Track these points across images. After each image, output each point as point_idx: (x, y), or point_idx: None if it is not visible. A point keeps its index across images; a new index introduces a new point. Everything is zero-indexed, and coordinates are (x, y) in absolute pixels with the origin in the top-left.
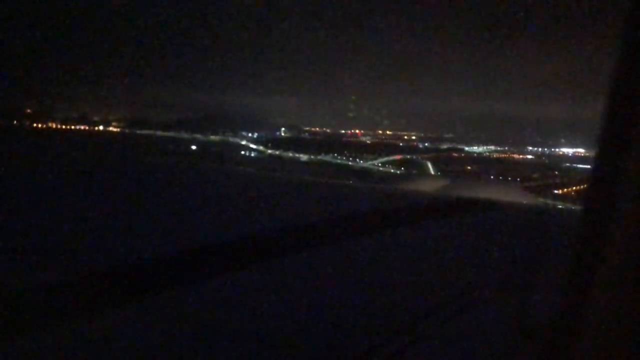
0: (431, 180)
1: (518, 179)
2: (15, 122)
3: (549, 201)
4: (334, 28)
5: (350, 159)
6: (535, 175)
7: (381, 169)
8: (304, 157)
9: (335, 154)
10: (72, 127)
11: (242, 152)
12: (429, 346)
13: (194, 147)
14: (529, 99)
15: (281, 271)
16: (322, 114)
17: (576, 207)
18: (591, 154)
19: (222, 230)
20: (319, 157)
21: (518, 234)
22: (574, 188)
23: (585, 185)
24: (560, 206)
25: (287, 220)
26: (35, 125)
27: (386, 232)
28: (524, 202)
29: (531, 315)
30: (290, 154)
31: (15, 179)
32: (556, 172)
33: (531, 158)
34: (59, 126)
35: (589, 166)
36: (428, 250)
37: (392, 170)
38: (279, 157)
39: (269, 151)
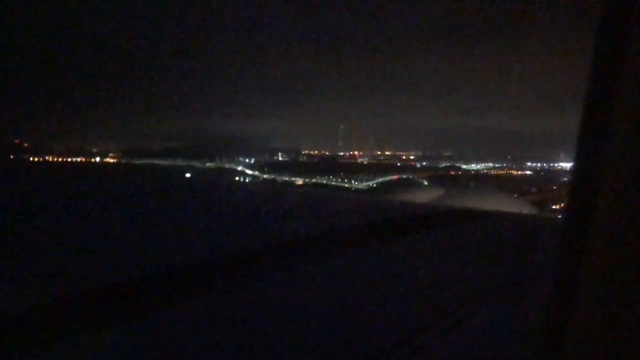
0: (426, 191)
1: (515, 195)
2: (12, 156)
3: (546, 214)
4: (331, 50)
5: (346, 180)
6: (533, 190)
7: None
8: (299, 180)
9: (331, 176)
10: (70, 159)
11: (237, 178)
12: (429, 356)
13: (187, 175)
14: (528, 114)
15: (273, 285)
16: (321, 136)
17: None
18: None
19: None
20: (313, 179)
21: (515, 243)
22: None
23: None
24: (556, 218)
25: (275, 234)
26: (32, 159)
27: (378, 243)
28: (520, 212)
29: (528, 323)
30: (285, 178)
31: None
32: (554, 187)
33: (530, 173)
34: (56, 159)
35: None
36: (422, 260)
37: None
38: (273, 181)
39: (265, 176)
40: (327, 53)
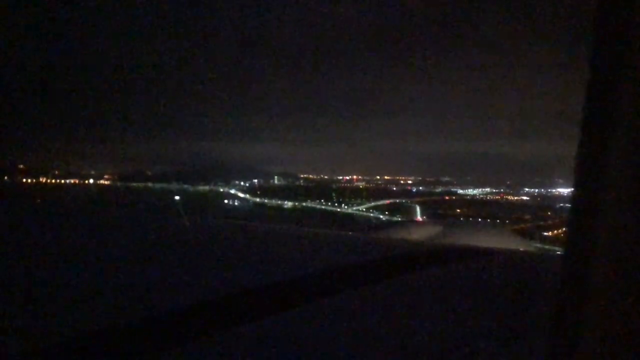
0: (421, 228)
1: (507, 221)
2: (6, 178)
3: (538, 244)
4: (331, 74)
5: (336, 204)
6: (527, 217)
7: (371, 214)
8: (288, 204)
9: (323, 200)
10: (65, 181)
11: (226, 201)
12: None
13: (177, 198)
14: (527, 139)
15: (263, 334)
16: (321, 160)
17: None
18: None
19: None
20: (303, 203)
21: (507, 282)
22: (565, 229)
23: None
24: (547, 249)
25: (252, 278)
26: (28, 180)
27: (370, 287)
28: (512, 247)
29: None
30: (274, 202)
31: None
32: (549, 213)
33: (526, 199)
34: (51, 181)
35: None
36: (417, 303)
37: (373, 215)
38: (262, 205)
39: (256, 199)
40: (326, 76)
